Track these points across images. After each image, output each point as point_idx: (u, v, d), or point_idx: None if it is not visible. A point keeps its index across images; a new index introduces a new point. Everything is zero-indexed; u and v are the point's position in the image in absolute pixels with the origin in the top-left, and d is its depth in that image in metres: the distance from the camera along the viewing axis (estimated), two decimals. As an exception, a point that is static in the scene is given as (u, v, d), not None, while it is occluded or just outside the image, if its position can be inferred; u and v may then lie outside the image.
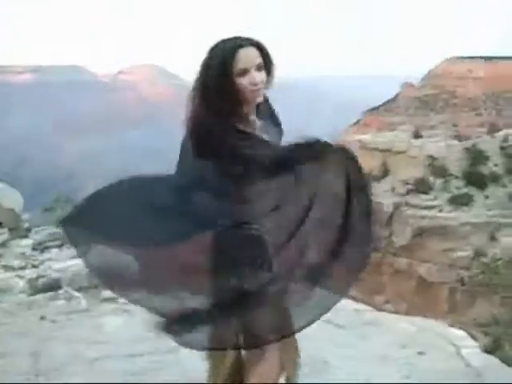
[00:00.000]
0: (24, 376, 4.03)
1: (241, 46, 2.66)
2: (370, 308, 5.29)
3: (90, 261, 2.90)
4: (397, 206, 59.05)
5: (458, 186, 68.51)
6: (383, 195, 57.26)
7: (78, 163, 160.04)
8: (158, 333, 2.91)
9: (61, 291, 6.08)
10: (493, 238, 60.01)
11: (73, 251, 7.86)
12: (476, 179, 70.63)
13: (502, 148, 75.63)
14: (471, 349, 4.48)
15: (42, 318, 5.01)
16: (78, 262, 6.99)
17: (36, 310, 5.25)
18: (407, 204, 59.51)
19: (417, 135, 77.54)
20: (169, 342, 4.44)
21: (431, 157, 71.02)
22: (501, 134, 78.07)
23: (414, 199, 60.97)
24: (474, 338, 4.90)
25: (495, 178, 72.73)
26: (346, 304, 5.21)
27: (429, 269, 59.13)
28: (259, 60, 2.70)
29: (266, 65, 2.75)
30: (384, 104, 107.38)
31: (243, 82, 2.66)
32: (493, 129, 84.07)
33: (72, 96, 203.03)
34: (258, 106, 2.83)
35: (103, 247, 2.82)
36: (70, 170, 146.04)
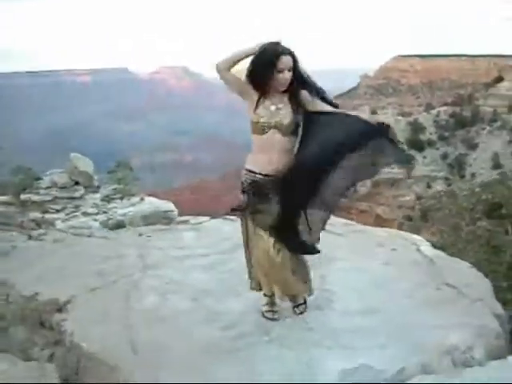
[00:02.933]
0: (134, 268, 4.27)
1: (283, 53, 2.92)
2: (355, 223, 5.53)
3: None
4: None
5: (403, 149, 68.60)
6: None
7: (125, 140, 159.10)
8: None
9: (124, 229, 6.18)
10: (429, 187, 60.38)
11: (130, 201, 8.10)
12: (416, 144, 70.51)
13: (435, 121, 75.29)
14: (426, 246, 4.73)
15: (140, 234, 5.19)
16: (134, 209, 7.24)
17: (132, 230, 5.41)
18: (367, 163, 59.57)
19: (373, 113, 77.17)
20: (228, 247, 4.75)
21: (384, 129, 70.77)
22: (434, 111, 77.71)
23: (372, 160, 60.94)
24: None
25: (430, 143, 72.59)
26: (339, 220, 5.45)
27: (384, 209, 59.57)
28: (291, 64, 2.96)
29: (295, 68, 2.99)
30: (349, 91, 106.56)
31: (279, 76, 2.95)
32: (428, 107, 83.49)
33: (119, 91, 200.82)
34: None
35: None
36: (119, 144, 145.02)
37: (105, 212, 7.49)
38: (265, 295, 3.41)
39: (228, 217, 5.77)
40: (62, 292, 3.93)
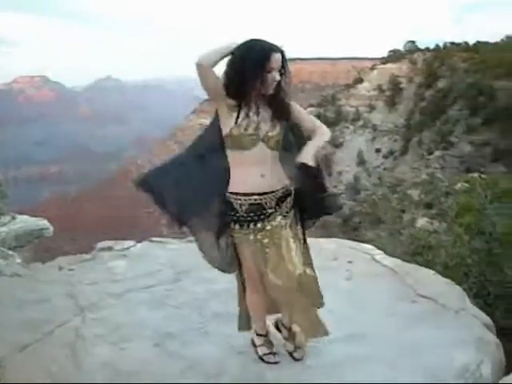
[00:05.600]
0: (69, 312, 3.63)
1: (274, 50, 2.46)
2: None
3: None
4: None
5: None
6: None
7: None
8: None
9: (38, 263, 5.34)
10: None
11: (0, 220, 7.12)
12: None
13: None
14: (380, 255, 4.54)
15: (60, 268, 4.36)
16: (5, 229, 6.35)
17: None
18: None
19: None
20: (171, 275, 4.20)
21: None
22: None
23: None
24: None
25: (299, 144, 75.37)
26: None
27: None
28: (280, 64, 2.50)
29: (284, 68, 2.53)
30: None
31: (268, 77, 2.48)
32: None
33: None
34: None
35: None
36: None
37: (-28, 233, 6.56)
38: (259, 335, 2.93)
39: (155, 239, 5.17)
40: (-15, 354, 3.15)
